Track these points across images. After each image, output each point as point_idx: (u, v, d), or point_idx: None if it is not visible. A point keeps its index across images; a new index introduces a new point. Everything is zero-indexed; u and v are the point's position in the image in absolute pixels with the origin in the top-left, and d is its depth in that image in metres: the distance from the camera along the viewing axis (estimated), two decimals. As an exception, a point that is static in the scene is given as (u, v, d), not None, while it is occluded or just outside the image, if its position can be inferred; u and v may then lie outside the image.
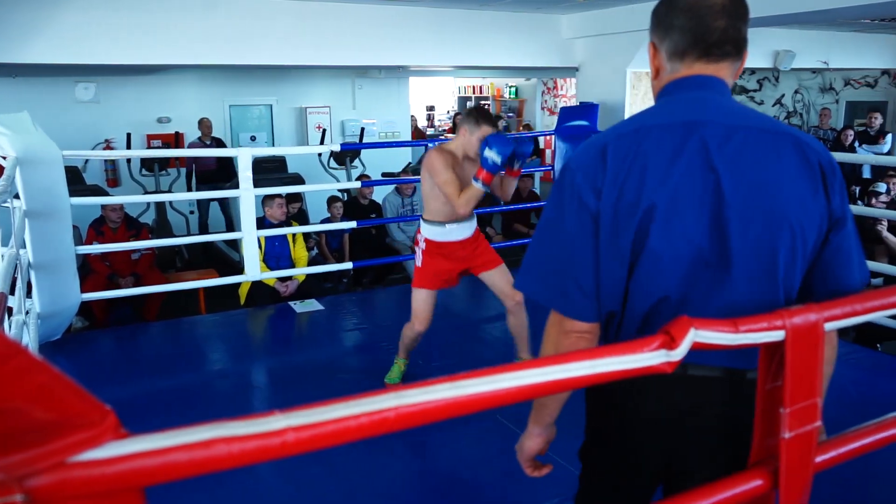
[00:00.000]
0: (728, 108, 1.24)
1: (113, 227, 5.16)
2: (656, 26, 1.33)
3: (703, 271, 1.21)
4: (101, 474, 0.64)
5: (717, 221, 1.19)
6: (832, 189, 1.22)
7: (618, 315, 1.28)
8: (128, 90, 9.01)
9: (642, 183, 1.19)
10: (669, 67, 1.31)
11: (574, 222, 1.23)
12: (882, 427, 1.35)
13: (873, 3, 4.46)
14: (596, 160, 1.23)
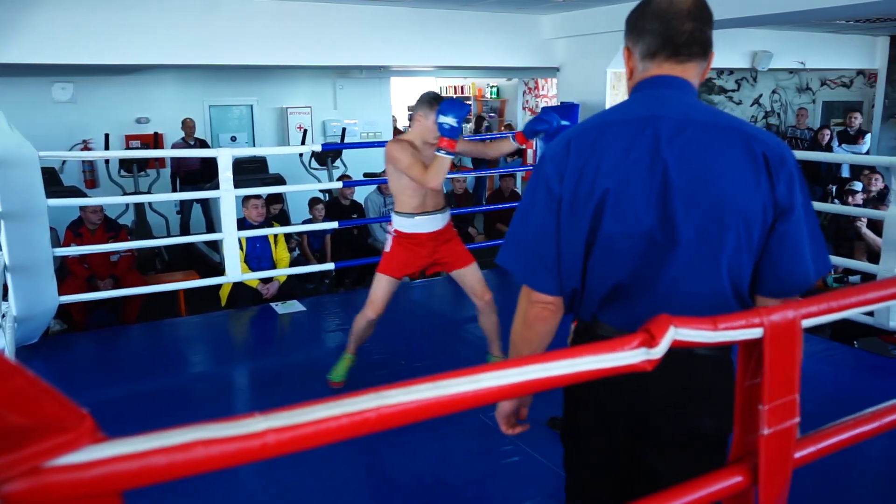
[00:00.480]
0: (685, 104, 1.36)
1: (91, 228, 5.10)
2: (630, 31, 1.45)
3: (652, 251, 1.33)
4: (78, 479, 0.63)
5: (664, 206, 1.31)
6: (777, 179, 1.30)
7: (579, 291, 1.42)
8: (106, 90, 8.91)
9: (598, 171, 1.33)
10: (641, 67, 1.43)
11: (542, 206, 1.39)
12: (860, 422, 1.37)
13: (848, 4, 4.52)
14: (562, 151, 1.39)
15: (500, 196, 7.30)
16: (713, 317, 1.08)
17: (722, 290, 1.35)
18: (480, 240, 7.06)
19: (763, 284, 1.37)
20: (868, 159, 7.20)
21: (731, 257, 1.33)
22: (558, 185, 1.37)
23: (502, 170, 8.28)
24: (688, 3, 1.37)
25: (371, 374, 3.76)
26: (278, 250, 5.28)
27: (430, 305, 5.22)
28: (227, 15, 5.37)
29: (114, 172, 8.26)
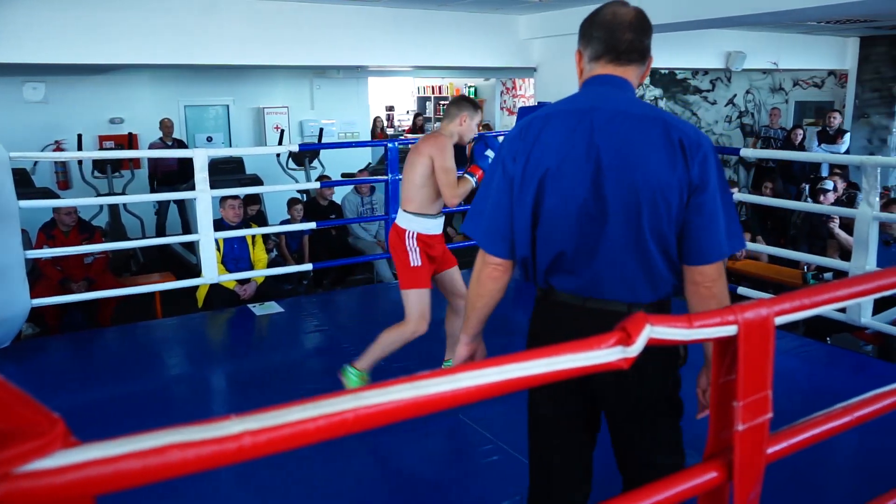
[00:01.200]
0: (619, 99, 1.59)
1: (64, 230, 5.03)
2: (581, 37, 1.68)
3: (588, 224, 1.57)
4: (50, 484, 0.62)
5: (596, 183, 1.54)
6: (692, 162, 1.52)
7: (529, 258, 1.66)
8: (78, 90, 8.79)
9: (542, 153, 1.58)
10: (588, 68, 1.67)
11: (498, 183, 1.65)
12: (831, 417, 1.39)
13: (819, 5, 4.59)
14: (516, 136, 1.65)
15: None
16: (688, 315, 1.09)
17: (652, 257, 1.57)
18: (459, 239, 7.07)
19: (684, 253, 1.58)
20: (840, 158, 7.32)
21: (654, 228, 1.54)
22: (511, 165, 1.62)
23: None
24: (630, 17, 1.59)
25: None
26: (256, 251, 5.24)
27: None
28: (202, 14, 5.32)
29: (87, 173, 8.14)
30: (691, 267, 1.58)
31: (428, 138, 3.19)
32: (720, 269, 1.59)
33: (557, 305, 1.67)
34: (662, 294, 1.63)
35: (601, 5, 1.63)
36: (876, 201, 4.02)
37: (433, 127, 14.74)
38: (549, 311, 1.70)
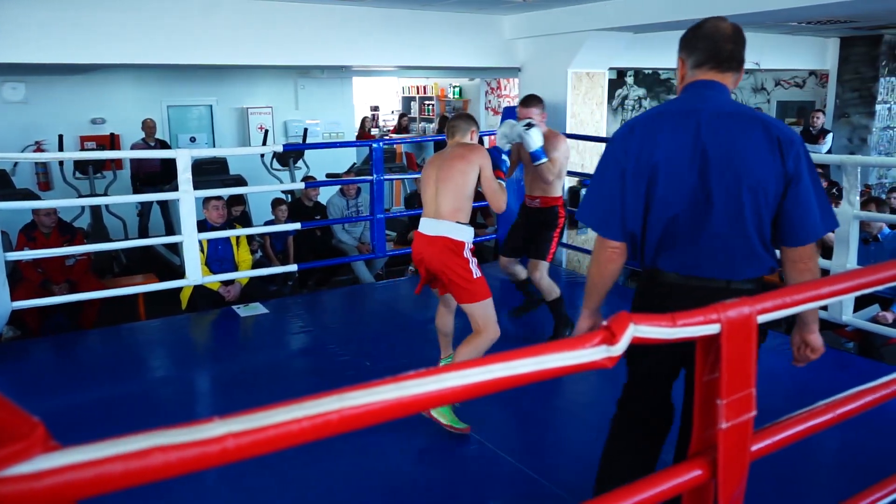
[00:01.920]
0: (720, 100, 1.84)
1: (45, 232, 4.97)
2: (685, 47, 1.93)
3: (693, 209, 1.79)
4: (30, 489, 0.61)
5: (702, 174, 1.77)
6: (787, 156, 1.75)
7: (639, 237, 1.88)
8: (59, 90, 8.69)
9: (652, 148, 1.80)
10: (691, 74, 1.90)
11: (611, 175, 1.86)
12: (814, 414, 1.41)
13: (800, 6, 4.64)
14: (627, 134, 1.87)
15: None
16: (672, 314, 1.09)
17: (750, 239, 1.79)
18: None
19: (783, 236, 1.82)
20: (820, 158, 7.39)
21: (754, 214, 1.77)
22: (623, 159, 1.83)
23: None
24: (729, 30, 1.85)
25: (336, 376, 3.73)
26: (240, 252, 5.21)
27: (396, 306, 5.21)
28: (185, 13, 5.28)
29: (68, 174, 8.05)
30: (790, 248, 1.83)
31: (465, 147, 3.17)
32: (815, 249, 1.86)
33: (662, 283, 1.89)
34: (757, 273, 1.85)
35: (703, 19, 1.89)
36: (857, 200, 4.06)
37: (419, 127, 14.74)
38: (653, 288, 1.93)
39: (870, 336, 4.46)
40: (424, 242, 3.12)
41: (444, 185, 3.09)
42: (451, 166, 3.11)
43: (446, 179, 3.09)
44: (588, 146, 6.46)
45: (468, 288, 3.04)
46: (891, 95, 9.46)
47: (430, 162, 3.26)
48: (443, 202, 3.08)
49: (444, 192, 3.08)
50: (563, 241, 4.37)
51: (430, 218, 3.12)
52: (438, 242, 3.05)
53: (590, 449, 3.03)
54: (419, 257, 3.16)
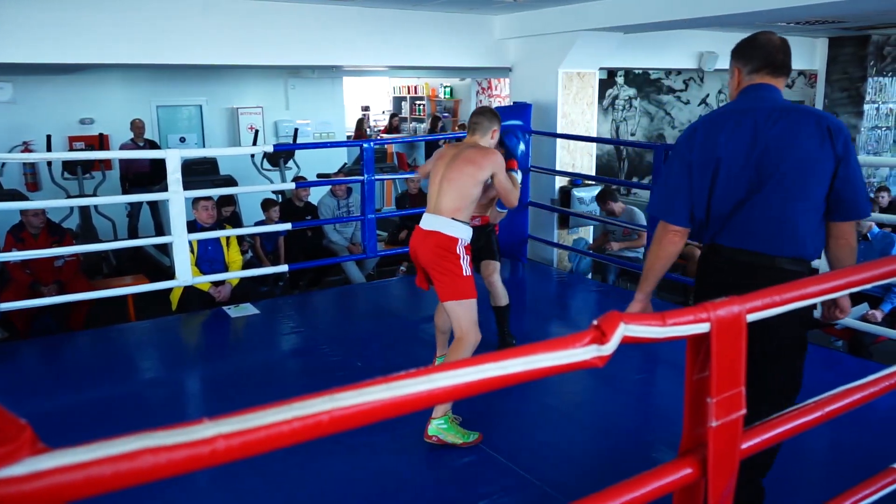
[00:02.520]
0: (774, 99, 2.14)
1: (34, 233, 4.94)
2: (741, 56, 2.23)
3: (752, 194, 2.08)
4: (18, 492, 0.61)
5: (759, 164, 2.06)
6: (836, 141, 2.04)
7: (704, 221, 2.18)
8: (47, 90, 8.64)
9: (715, 145, 2.10)
10: (748, 79, 2.20)
11: (678, 169, 2.19)
12: (803, 412, 1.42)
13: (788, 6, 4.66)
14: (692, 133, 2.19)
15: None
16: (662, 312, 1.10)
17: (808, 215, 2.07)
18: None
19: (834, 211, 2.08)
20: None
21: (810, 193, 2.05)
22: (689, 155, 2.16)
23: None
24: (779, 42, 2.19)
25: (327, 377, 3.72)
26: (230, 253, 5.19)
27: (387, 306, 5.21)
28: (175, 13, 5.25)
29: (57, 175, 8.00)
30: (837, 223, 2.10)
31: (480, 152, 3.15)
32: (854, 228, 2.14)
33: (721, 257, 2.19)
34: (803, 252, 2.10)
35: (756, 33, 2.22)
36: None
37: (409, 127, 14.72)
38: (713, 262, 2.22)
39: (859, 334, 4.49)
40: (420, 237, 3.14)
41: (449, 185, 3.09)
42: (460, 168, 3.09)
43: (453, 180, 3.09)
44: (579, 146, 6.48)
45: (454, 284, 3.04)
46: (879, 95, 9.53)
47: (441, 154, 3.23)
48: (444, 200, 3.09)
49: (447, 191, 3.09)
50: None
51: (430, 213, 3.14)
52: (432, 237, 3.07)
53: (581, 449, 3.05)
54: (414, 252, 3.18)
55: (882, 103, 9.58)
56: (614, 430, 3.20)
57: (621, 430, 3.20)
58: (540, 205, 6.12)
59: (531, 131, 5.88)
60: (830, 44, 9.53)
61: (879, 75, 9.42)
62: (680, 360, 1.76)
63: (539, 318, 5.02)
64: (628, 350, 1.27)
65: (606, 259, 6.15)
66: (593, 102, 6.60)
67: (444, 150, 3.25)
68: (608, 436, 3.15)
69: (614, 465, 2.85)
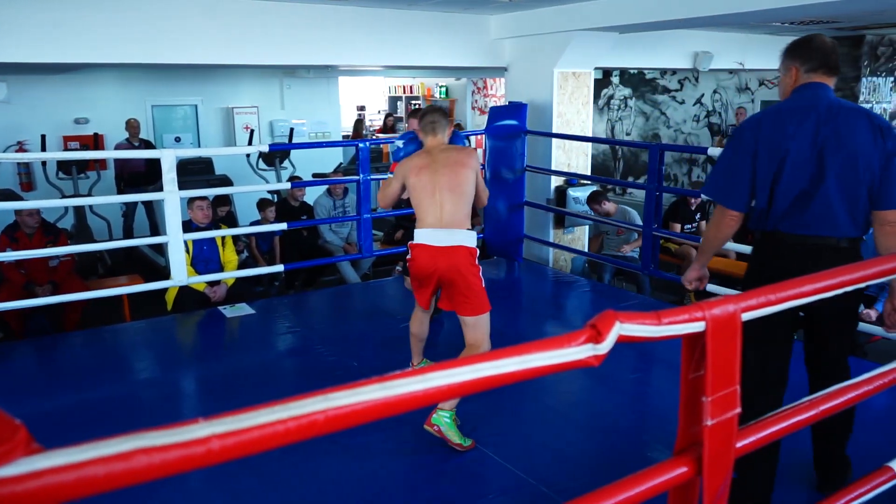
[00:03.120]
0: (830, 97, 2.35)
1: (28, 232, 4.92)
2: (798, 56, 2.43)
3: (812, 182, 2.29)
4: (12, 492, 0.60)
5: (820, 156, 2.27)
6: (887, 138, 2.27)
7: (765, 209, 2.36)
8: (42, 89, 8.61)
9: (783, 137, 2.29)
10: (805, 77, 2.40)
11: (741, 158, 2.36)
12: (798, 411, 1.42)
13: (783, 6, 4.67)
14: (756, 124, 2.37)
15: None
16: (657, 311, 1.10)
17: (855, 205, 2.29)
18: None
19: (882, 200, 2.28)
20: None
21: (860, 184, 2.27)
22: (754, 145, 2.33)
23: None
24: (833, 44, 2.40)
25: (323, 377, 3.72)
26: (226, 252, 5.18)
27: (382, 305, 5.21)
28: (169, 12, 5.24)
29: (52, 174, 7.98)
30: (884, 211, 2.28)
31: (462, 152, 3.10)
32: None
33: (781, 242, 2.37)
34: (856, 233, 2.32)
35: (810, 35, 2.43)
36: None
37: (405, 126, 14.72)
38: (773, 246, 2.40)
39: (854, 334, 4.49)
40: (440, 255, 2.98)
41: (453, 194, 3.00)
42: (456, 174, 3.01)
43: (455, 188, 3.00)
44: (574, 146, 6.48)
45: (479, 298, 3.00)
46: (873, 95, 9.57)
47: (421, 167, 3.06)
48: (456, 211, 3.00)
49: (455, 201, 3.00)
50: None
51: (442, 228, 2.99)
52: (459, 253, 2.98)
53: (576, 448, 3.05)
54: (431, 270, 3.02)
55: (876, 103, 9.61)
56: (610, 430, 3.20)
57: (617, 430, 3.20)
58: (535, 204, 6.13)
59: (527, 131, 5.88)
60: (825, 44, 9.57)
61: (873, 75, 9.46)
62: (675, 359, 1.76)
63: (534, 317, 5.02)
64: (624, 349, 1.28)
65: (602, 259, 6.16)
66: (589, 102, 6.60)
67: (416, 162, 3.09)
68: (604, 435, 3.16)
69: (610, 465, 2.86)
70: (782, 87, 2.50)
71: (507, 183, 5.96)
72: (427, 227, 3.03)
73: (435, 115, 3.19)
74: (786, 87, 2.48)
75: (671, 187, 10.69)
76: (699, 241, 5.24)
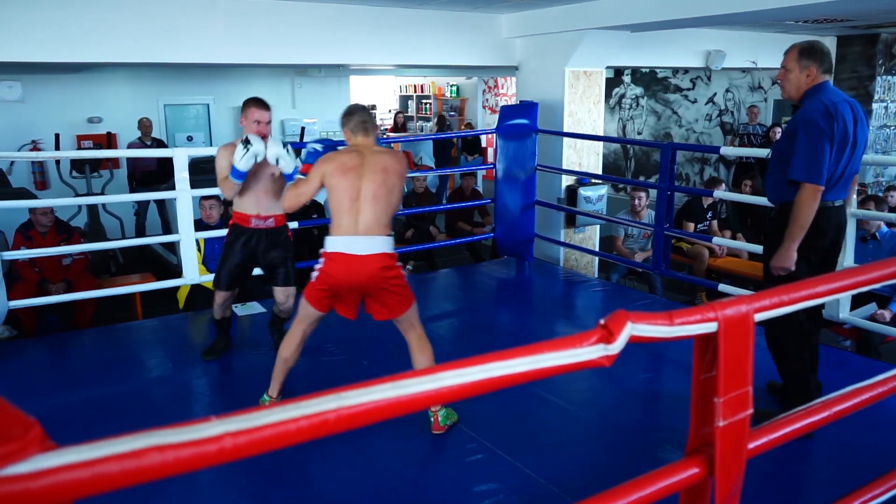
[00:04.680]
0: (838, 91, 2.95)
1: (42, 231, 4.96)
2: (814, 58, 2.88)
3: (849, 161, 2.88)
4: (26, 489, 0.61)
5: (854, 139, 2.84)
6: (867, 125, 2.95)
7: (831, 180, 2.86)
8: (56, 89, 8.68)
9: (846, 123, 2.81)
10: (821, 77, 2.89)
11: (822, 142, 2.78)
12: (811, 412, 1.41)
13: (796, 5, 4.64)
14: (828, 114, 2.79)
15: (460, 195, 7.31)
16: (669, 312, 1.10)
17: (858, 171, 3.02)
18: (442, 238, 7.07)
19: None
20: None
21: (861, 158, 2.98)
22: (830, 131, 2.78)
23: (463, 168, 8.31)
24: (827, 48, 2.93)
25: (334, 375, 3.73)
26: (237, 251, 5.19)
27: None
28: (182, 12, 5.26)
29: (65, 173, 8.04)
30: None
31: (393, 157, 2.97)
32: None
33: (832, 210, 2.92)
34: None
35: (814, 41, 2.90)
36: (854, 198, 4.07)
37: (416, 126, 14.73)
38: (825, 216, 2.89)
39: (867, 334, 4.46)
40: (362, 263, 2.84)
41: (378, 203, 2.85)
42: (385, 180, 2.86)
43: (382, 196, 2.86)
44: (585, 145, 6.47)
45: (405, 293, 2.97)
46: (888, 94, 9.48)
47: (348, 168, 2.87)
48: (378, 219, 2.86)
49: (378, 210, 2.86)
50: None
51: (360, 235, 2.85)
52: (377, 261, 2.85)
53: (586, 448, 3.04)
54: (353, 281, 2.89)
55: (891, 102, 9.52)
56: (620, 430, 3.19)
57: (627, 430, 3.19)
58: (546, 204, 6.11)
59: (538, 130, 5.87)
60: (839, 42, 9.49)
61: (888, 74, 9.37)
62: (687, 360, 1.75)
63: (545, 317, 5.01)
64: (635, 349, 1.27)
65: (614, 259, 6.14)
66: (600, 101, 6.58)
67: (345, 160, 2.90)
68: (614, 435, 3.15)
69: (620, 465, 2.85)
70: (794, 84, 2.90)
71: (517, 182, 5.95)
72: (345, 235, 2.87)
73: (365, 114, 3.08)
74: (800, 84, 2.89)
75: (683, 187, 10.64)
76: (711, 240, 5.25)
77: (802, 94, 2.90)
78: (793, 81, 2.89)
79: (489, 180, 10.92)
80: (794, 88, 2.89)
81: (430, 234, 7.14)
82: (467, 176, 7.49)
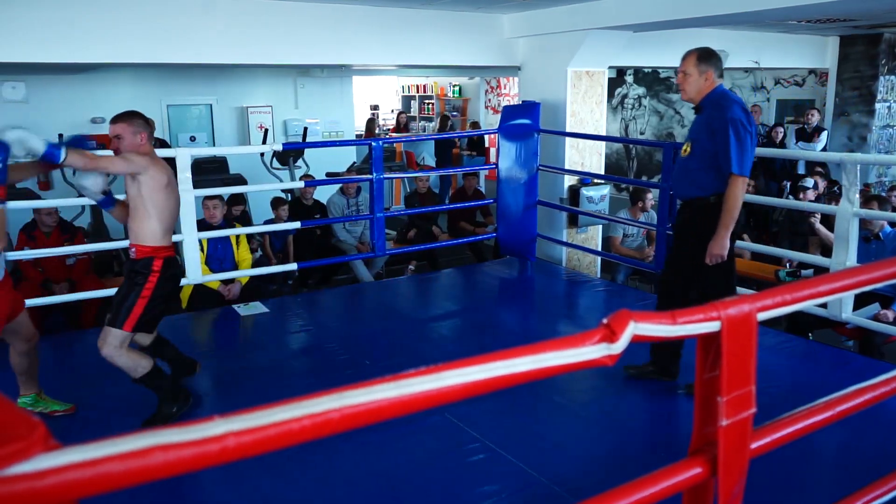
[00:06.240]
0: None
1: (46, 231, 4.97)
2: (713, 64, 3.18)
3: None
4: (31, 488, 0.61)
5: None
6: None
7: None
8: (59, 89, 8.69)
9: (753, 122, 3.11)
10: (716, 80, 3.17)
11: (749, 138, 3.05)
12: (814, 412, 1.41)
13: (799, 4, 4.63)
14: (746, 112, 3.09)
15: (463, 195, 7.31)
16: (672, 311, 1.09)
17: None
18: (444, 238, 7.06)
19: None
20: (820, 156, 7.39)
21: None
22: (751, 127, 3.05)
23: (465, 168, 8.31)
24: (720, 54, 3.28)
25: (336, 375, 3.73)
26: (240, 251, 5.21)
27: (395, 304, 5.22)
28: (184, 12, 5.27)
29: (69, 174, 8.04)
30: None
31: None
32: None
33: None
34: None
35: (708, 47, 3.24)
36: (856, 198, 4.06)
37: (418, 126, 14.73)
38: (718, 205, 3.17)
39: (870, 334, 4.45)
40: None
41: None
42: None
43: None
44: (588, 145, 6.46)
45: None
46: (890, 94, 9.46)
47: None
48: None
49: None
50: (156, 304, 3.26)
51: None
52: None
53: (589, 448, 3.04)
54: None
55: (893, 102, 9.50)
56: (623, 429, 3.19)
57: (630, 429, 3.19)
58: (549, 204, 6.11)
59: (540, 130, 5.87)
60: (841, 42, 9.47)
61: (891, 74, 9.35)
62: (690, 359, 1.75)
63: (548, 317, 5.01)
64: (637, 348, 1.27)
65: (617, 259, 6.14)
66: (602, 101, 6.58)
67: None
68: (617, 434, 3.15)
69: (623, 465, 2.85)
70: (695, 87, 3.18)
71: (520, 182, 5.95)
72: None
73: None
74: (700, 88, 3.17)
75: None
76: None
77: (703, 96, 3.18)
78: (693, 84, 3.16)
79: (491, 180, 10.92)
80: (694, 91, 3.17)
81: (433, 234, 7.14)
82: (470, 176, 7.48)
